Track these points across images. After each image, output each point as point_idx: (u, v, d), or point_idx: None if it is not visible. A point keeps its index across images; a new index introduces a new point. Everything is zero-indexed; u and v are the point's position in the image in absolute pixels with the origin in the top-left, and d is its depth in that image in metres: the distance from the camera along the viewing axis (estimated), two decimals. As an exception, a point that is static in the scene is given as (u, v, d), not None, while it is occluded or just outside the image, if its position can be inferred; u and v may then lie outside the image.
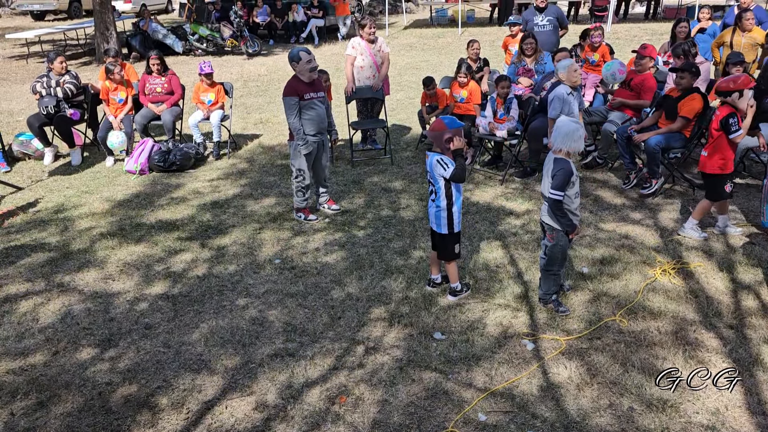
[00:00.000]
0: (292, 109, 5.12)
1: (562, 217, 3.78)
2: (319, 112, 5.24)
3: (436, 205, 4.03)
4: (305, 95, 5.15)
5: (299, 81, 5.17)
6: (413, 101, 9.95)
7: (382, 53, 7.06)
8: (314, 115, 5.21)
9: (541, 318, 3.97)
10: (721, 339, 3.69)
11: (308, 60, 5.11)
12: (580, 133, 3.72)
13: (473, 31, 17.67)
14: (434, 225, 4.10)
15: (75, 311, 4.23)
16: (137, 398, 3.36)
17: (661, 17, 18.83)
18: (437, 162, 3.91)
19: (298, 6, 17.84)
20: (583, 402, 3.24)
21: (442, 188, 3.97)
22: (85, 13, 23.67)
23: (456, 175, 3.88)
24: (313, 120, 5.22)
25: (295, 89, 5.12)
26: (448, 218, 4.02)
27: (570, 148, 3.74)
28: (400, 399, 3.29)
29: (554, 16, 8.62)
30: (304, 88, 5.16)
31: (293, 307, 4.20)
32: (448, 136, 3.88)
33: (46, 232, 5.52)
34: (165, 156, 6.95)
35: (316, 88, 5.25)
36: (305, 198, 5.48)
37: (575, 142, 3.72)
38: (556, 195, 3.73)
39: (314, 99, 5.20)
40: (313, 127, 5.24)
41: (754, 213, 5.38)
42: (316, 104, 5.22)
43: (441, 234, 4.08)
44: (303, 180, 5.37)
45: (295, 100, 5.11)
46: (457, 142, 3.87)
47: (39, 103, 7.18)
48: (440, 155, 3.92)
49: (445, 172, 3.89)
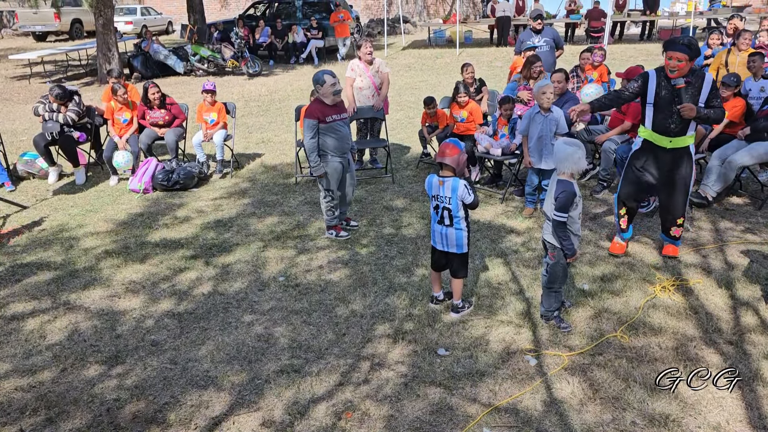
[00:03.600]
0: (310, 131, 5.17)
1: (565, 239, 3.84)
2: (342, 133, 5.30)
3: (457, 227, 4.09)
4: (327, 117, 5.20)
5: (322, 104, 5.23)
6: (413, 121, 10.07)
7: (381, 74, 7.18)
8: (337, 137, 5.26)
9: (544, 334, 4.02)
10: (722, 354, 3.74)
11: (332, 83, 5.20)
12: (578, 155, 3.78)
13: (471, 52, 17.90)
14: (454, 248, 4.15)
15: (82, 329, 4.27)
16: (145, 414, 3.39)
17: (656, 38, 19.12)
18: (464, 187, 3.99)
19: (298, 27, 18.10)
20: (587, 417, 3.28)
21: (461, 211, 4.06)
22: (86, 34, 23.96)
23: (476, 202, 4.04)
24: (336, 141, 5.26)
25: (317, 112, 5.18)
26: (468, 238, 4.16)
27: (572, 170, 3.81)
28: (406, 414, 3.33)
29: (551, 38, 8.77)
30: (328, 110, 5.22)
31: (298, 323, 4.24)
32: (464, 158, 4.01)
33: (51, 250, 5.57)
34: (168, 175, 7.03)
35: (340, 110, 5.32)
36: (335, 216, 5.56)
37: (575, 164, 3.79)
38: (560, 217, 3.80)
39: (337, 121, 5.26)
40: (336, 149, 5.28)
41: (751, 230, 5.46)
42: (340, 126, 5.28)
43: (461, 253, 4.17)
44: (331, 200, 5.44)
45: (314, 122, 5.16)
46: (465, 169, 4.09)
47: (43, 127, 7.26)
48: (458, 180, 4.01)
49: (469, 197, 4.00)
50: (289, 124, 10.05)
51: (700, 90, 4.47)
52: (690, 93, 4.46)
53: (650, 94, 4.61)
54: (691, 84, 4.45)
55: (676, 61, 4.36)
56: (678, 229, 4.90)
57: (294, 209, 6.40)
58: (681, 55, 4.34)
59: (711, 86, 4.48)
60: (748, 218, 5.74)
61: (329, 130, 5.22)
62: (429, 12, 28.96)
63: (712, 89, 4.49)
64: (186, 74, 16.01)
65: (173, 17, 29.05)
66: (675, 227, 4.90)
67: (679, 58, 4.35)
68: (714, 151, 6.20)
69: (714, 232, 5.48)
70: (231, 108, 7.78)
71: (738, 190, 6.34)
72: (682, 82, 4.42)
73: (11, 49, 20.73)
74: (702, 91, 4.47)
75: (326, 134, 5.23)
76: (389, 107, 7.70)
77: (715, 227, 5.57)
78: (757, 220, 5.69)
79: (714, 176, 5.93)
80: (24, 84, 15.48)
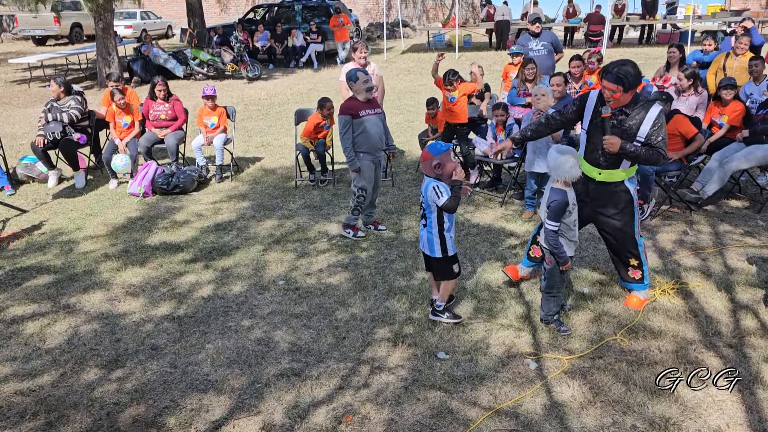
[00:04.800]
0: (344, 127, 5.35)
1: (557, 248, 3.84)
2: (376, 129, 5.39)
3: (428, 230, 4.01)
4: (361, 112, 5.34)
5: (355, 100, 5.40)
6: (412, 124, 10.10)
7: (376, 76, 7.21)
8: (372, 132, 5.37)
9: (544, 338, 4.02)
10: (722, 357, 3.74)
11: (365, 80, 5.36)
12: (570, 163, 3.72)
13: (470, 56, 17.93)
14: (426, 249, 4.11)
15: (81, 332, 4.27)
16: (145, 418, 3.39)
17: (655, 42, 19.17)
18: (433, 189, 3.85)
19: (297, 31, 18.14)
20: (587, 420, 3.28)
21: (434, 214, 3.96)
22: (86, 38, 24.00)
23: (447, 205, 3.84)
24: (370, 136, 5.37)
25: (350, 108, 5.35)
26: (441, 243, 4.01)
27: (565, 178, 3.79)
28: (406, 418, 3.33)
29: (549, 41, 8.82)
30: (361, 106, 5.37)
31: (298, 327, 4.24)
32: (436, 162, 3.84)
33: (51, 254, 5.57)
34: (168, 179, 7.03)
35: (373, 106, 5.43)
36: (358, 216, 5.64)
37: (567, 172, 3.74)
38: (551, 225, 3.80)
39: (371, 115, 5.38)
40: (370, 144, 5.39)
41: (751, 233, 5.46)
42: (374, 121, 5.38)
43: (436, 258, 4.07)
44: (364, 200, 5.52)
45: (348, 118, 5.32)
46: (457, 172, 3.84)
47: (44, 129, 7.27)
48: (437, 182, 3.88)
49: (438, 200, 3.85)
50: (288, 127, 10.06)
51: (640, 124, 3.83)
52: (624, 126, 3.87)
53: (585, 119, 4.06)
54: (627, 116, 3.87)
55: (609, 92, 3.80)
56: (636, 270, 4.28)
57: (294, 213, 6.41)
58: (612, 86, 3.76)
59: (655, 121, 3.81)
60: (748, 221, 5.75)
61: (362, 124, 5.35)
62: (428, 16, 29.03)
63: (657, 125, 3.81)
64: (186, 78, 16.03)
65: (173, 21, 29.12)
66: (631, 268, 4.29)
67: (612, 89, 3.77)
68: (713, 153, 6.21)
69: (713, 235, 5.48)
70: (231, 112, 7.79)
71: (737, 194, 6.35)
72: (608, 112, 3.86)
73: (11, 53, 20.76)
74: (642, 126, 3.83)
75: (360, 130, 5.36)
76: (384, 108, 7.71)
77: (715, 230, 5.58)
78: (756, 223, 5.69)
79: (711, 176, 5.93)
80: (24, 88, 15.50)
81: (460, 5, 24.74)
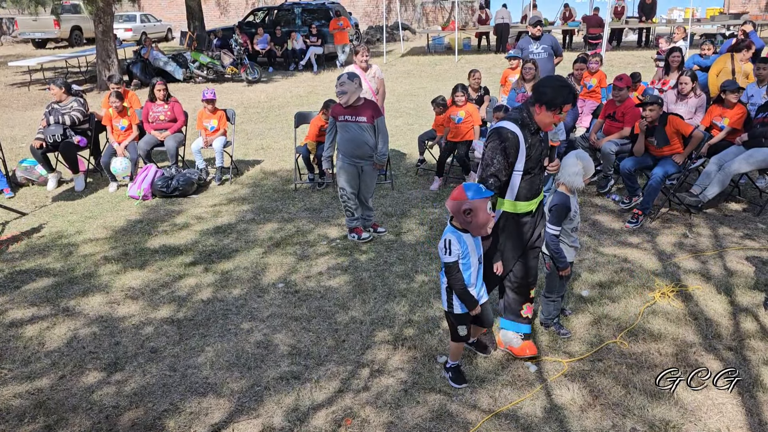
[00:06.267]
0: (329, 127, 5.56)
1: (556, 252, 3.83)
2: (352, 135, 5.36)
3: (441, 276, 3.41)
4: (339, 117, 5.40)
5: (338, 103, 5.48)
6: (412, 127, 10.10)
7: (377, 79, 7.21)
8: (348, 138, 5.38)
9: (544, 341, 4.01)
10: (722, 360, 3.74)
11: (338, 84, 5.35)
12: (575, 169, 3.65)
13: (469, 59, 17.96)
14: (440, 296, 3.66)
15: (81, 335, 4.26)
16: (144, 422, 3.38)
17: (654, 45, 19.19)
18: (443, 243, 3.23)
19: (297, 34, 18.16)
20: (587, 423, 3.27)
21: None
22: (86, 41, 24.02)
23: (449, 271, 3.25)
24: (346, 142, 5.40)
25: (334, 111, 5.48)
26: (447, 297, 3.40)
27: (566, 182, 3.75)
28: (406, 421, 3.32)
29: (549, 45, 8.83)
30: (340, 111, 5.41)
31: (298, 330, 4.24)
32: (467, 207, 3.11)
33: (50, 257, 5.57)
34: (168, 181, 7.03)
35: (355, 113, 5.35)
36: (354, 218, 5.63)
37: (569, 175, 3.69)
38: (552, 229, 3.80)
39: (349, 122, 5.37)
40: (345, 149, 5.43)
41: (750, 236, 5.47)
42: (351, 128, 5.37)
43: (445, 310, 3.48)
44: (347, 200, 5.54)
45: (331, 120, 5.50)
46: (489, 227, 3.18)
47: (45, 131, 7.27)
48: (453, 232, 3.23)
49: (443, 257, 3.24)
50: (288, 130, 10.06)
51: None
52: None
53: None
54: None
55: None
56: (531, 305, 3.80)
57: (293, 216, 6.41)
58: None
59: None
60: (747, 224, 5.75)
61: (341, 130, 5.41)
62: (428, 19, 29.07)
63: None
64: (185, 81, 16.05)
65: (173, 24, 29.16)
66: (527, 303, 3.78)
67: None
68: (713, 156, 6.21)
69: (713, 238, 5.48)
70: (231, 115, 7.79)
71: (736, 196, 6.35)
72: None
73: (11, 56, 20.78)
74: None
75: (340, 134, 5.44)
76: (384, 111, 7.71)
77: (714, 233, 5.58)
78: (756, 226, 5.70)
79: (710, 180, 5.93)
80: (23, 91, 15.51)
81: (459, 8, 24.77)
